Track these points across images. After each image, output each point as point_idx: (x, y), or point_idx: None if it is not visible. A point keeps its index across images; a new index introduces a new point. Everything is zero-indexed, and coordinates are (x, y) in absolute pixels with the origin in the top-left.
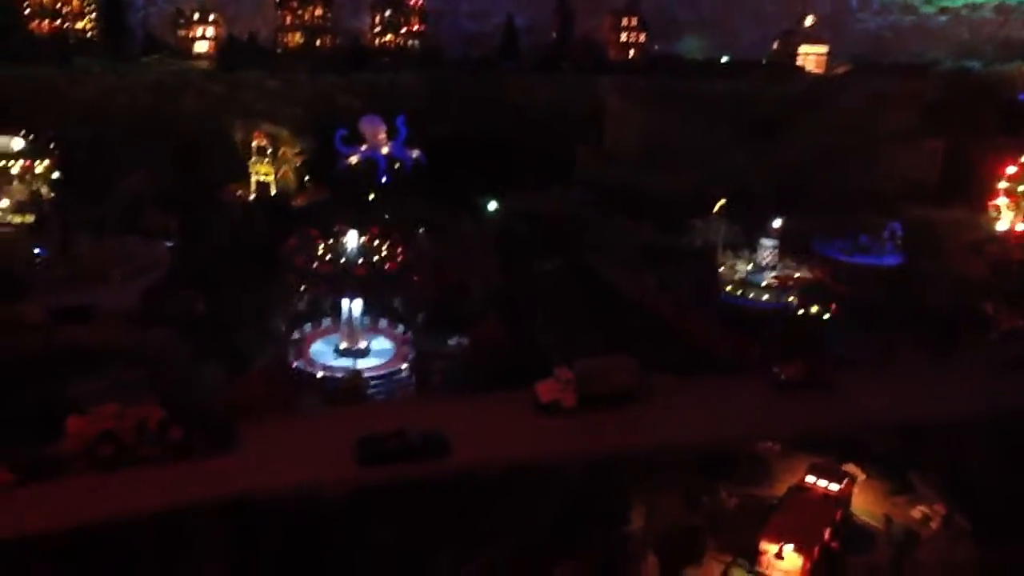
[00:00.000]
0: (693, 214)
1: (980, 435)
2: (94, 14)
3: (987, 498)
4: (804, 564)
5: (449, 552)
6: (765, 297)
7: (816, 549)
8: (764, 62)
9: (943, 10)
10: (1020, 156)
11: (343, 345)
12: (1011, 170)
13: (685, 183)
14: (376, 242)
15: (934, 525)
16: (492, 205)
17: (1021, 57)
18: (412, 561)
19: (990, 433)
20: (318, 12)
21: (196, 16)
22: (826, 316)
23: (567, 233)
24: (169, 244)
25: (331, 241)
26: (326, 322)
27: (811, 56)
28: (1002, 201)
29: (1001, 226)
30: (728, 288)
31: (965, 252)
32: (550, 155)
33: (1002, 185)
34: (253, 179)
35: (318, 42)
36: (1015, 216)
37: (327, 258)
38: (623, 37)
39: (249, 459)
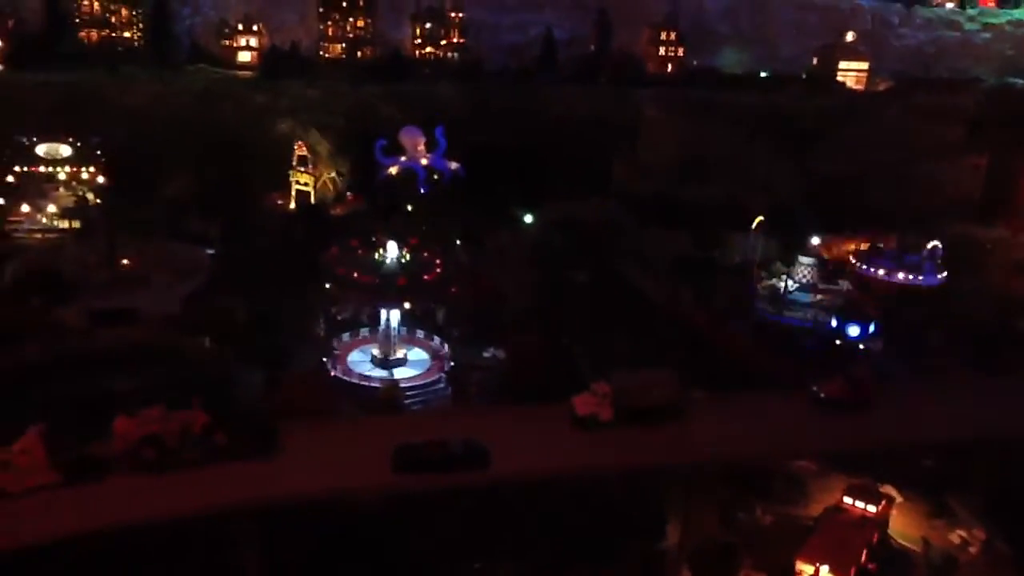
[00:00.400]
0: (730, 227)
1: (1020, 458)
2: (141, 23)
3: None
4: None
5: (485, 562)
6: (802, 315)
7: (852, 571)
8: (803, 76)
9: (986, 26)
10: None
11: (380, 355)
12: None
13: (721, 196)
14: (415, 253)
15: (973, 550)
16: (528, 217)
17: None
18: (448, 570)
19: None
20: (359, 23)
21: (240, 26)
22: (866, 335)
23: (603, 244)
24: (210, 251)
25: (371, 251)
26: (364, 332)
27: (851, 72)
28: None
29: None
30: (765, 305)
31: (1008, 271)
32: (586, 166)
33: None
34: (293, 188)
35: (359, 53)
36: None
37: (367, 268)
38: (661, 51)
39: (289, 464)
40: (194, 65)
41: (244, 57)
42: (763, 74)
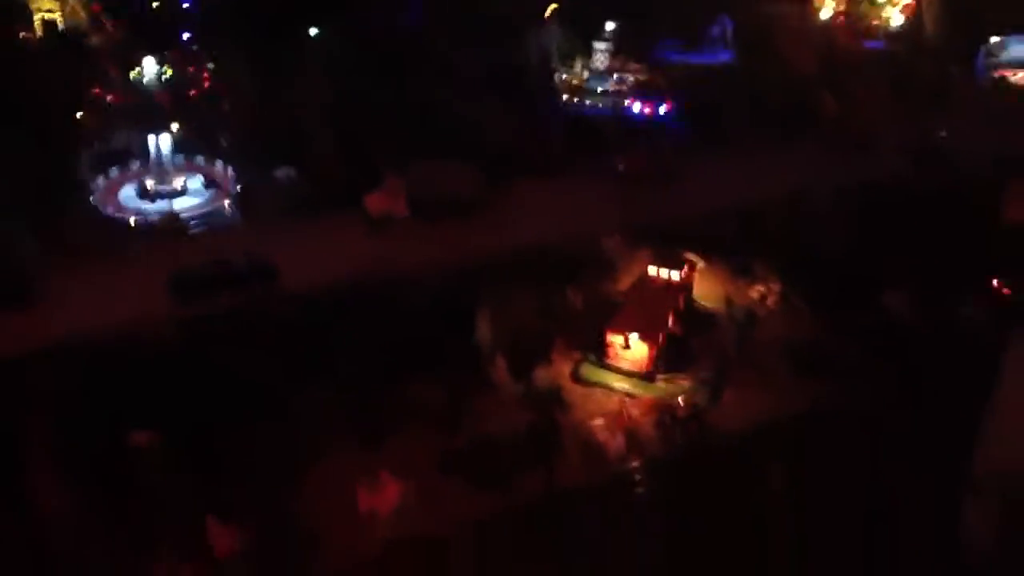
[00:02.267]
0: (527, 21)
1: (812, 213)
2: None
3: (821, 274)
4: (650, 351)
5: (291, 384)
6: (601, 102)
7: (661, 336)
8: None
9: None
10: None
11: (155, 186)
12: None
13: None
14: (178, 68)
15: (770, 302)
16: (314, 28)
17: None
18: (258, 392)
19: (821, 210)
20: None
21: None
22: (661, 114)
23: (398, 50)
24: None
25: (128, 72)
26: (136, 166)
27: None
28: None
29: (824, 15)
30: (565, 96)
31: (796, 43)
32: None
33: None
34: (36, 18)
35: None
36: (836, 4)
37: (123, 89)
38: None
39: (52, 309)
40: None
41: None
42: None
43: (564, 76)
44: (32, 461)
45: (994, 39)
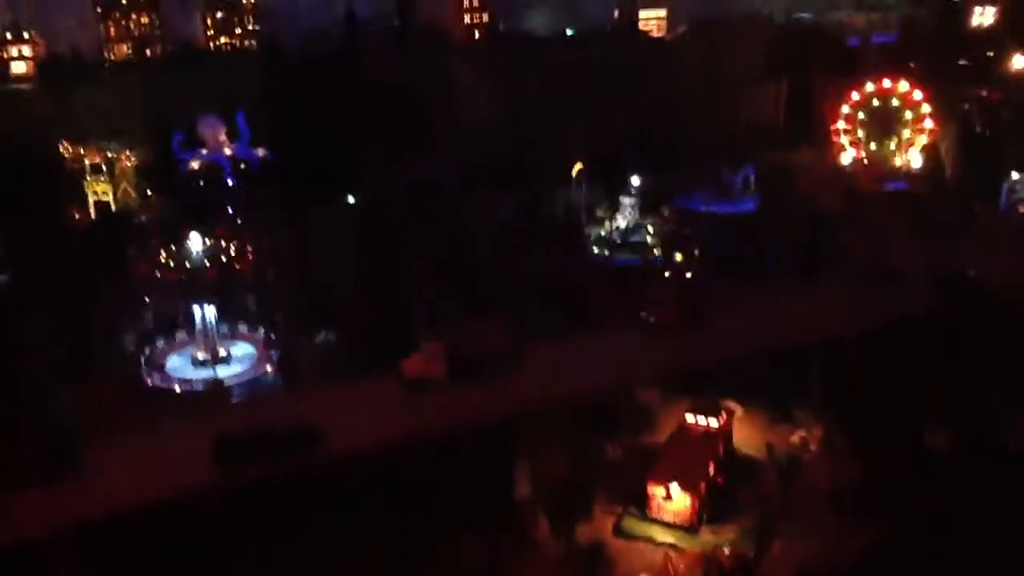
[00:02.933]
0: (554, 181)
1: (846, 353)
2: None
3: (861, 413)
4: (692, 502)
5: (336, 545)
6: (631, 254)
7: (703, 485)
8: (608, 30)
9: None
10: (851, 95)
11: (200, 355)
12: (845, 109)
13: (541, 152)
14: (223, 243)
15: (813, 448)
16: (350, 196)
17: (847, 7)
18: (297, 559)
19: (855, 350)
20: (144, 20)
21: (8, 35)
22: (690, 262)
23: (431, 211)
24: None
25: (174, 247)
26: (182, 336)
27: (652, 20)
28: (843, 138)
29: (845, 160)
30: (595, 249)
31: (815, 187)
32: (404, 138)
33: (840, 124)
34: (91, 199)
35: (147, 51)
36: (856, 151)
37: (171, 265)
38: (467, 18)
39: (96, 480)
40: None
41: (19, 68)
42: (569, 32)
43: (593, 230)
44: None
45: (1015, 175)
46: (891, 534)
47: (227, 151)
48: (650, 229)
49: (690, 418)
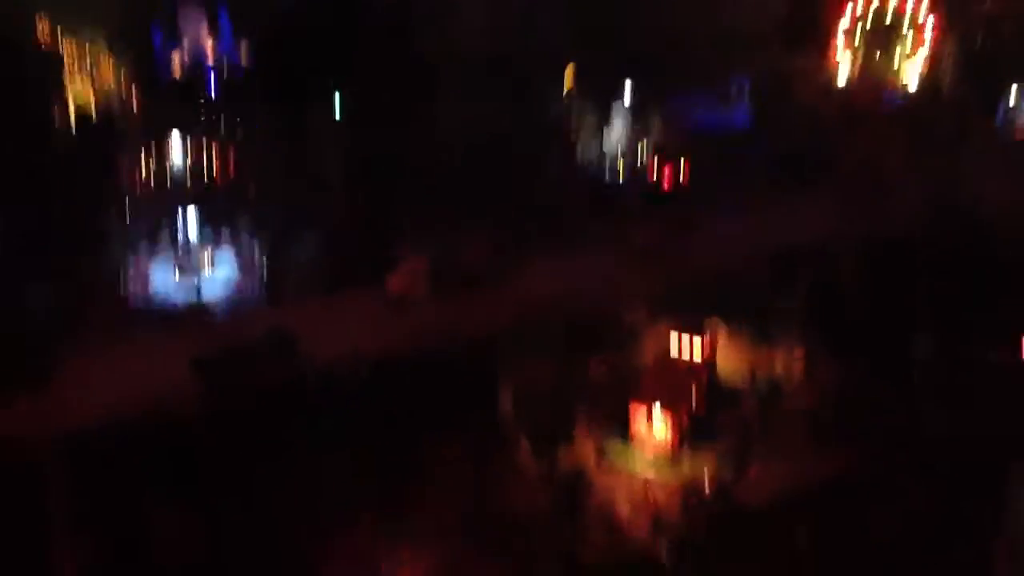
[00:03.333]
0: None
1: (831, 270)
2: None
3: (847, 332)
4: (673, 426)
5: (318, 459)
6: (620, 167)
7: (684, 410)
8: None
9: None
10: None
11: (182, 266)
12: (844, 24)
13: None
14: (205, 152)
15: (795, 368)
16: (337, 100)
17: None
18: (282, 472)
19: (841, 267)
20: None
21: None
22: (678, 175)
23: (424, 118)
24: None
25: (155, 156)
26: (163, 247)
27: None
28: (841, 47)
29: (843, 73)
30: (584, 163)
31: (816, 93)
32: (402, 41)
33: (842, 28)
34: (70, 102)
35: None
36: (855, 64)
37: (152, 174)
38: None
39: (71, 392)
40: None
41: None
42: None
43: (582, 141)
44: (52, 550)
45: (1014, 90)
46: (868, 456)
47: (209, 54)
48: (639, 139)
49: (674, 340)
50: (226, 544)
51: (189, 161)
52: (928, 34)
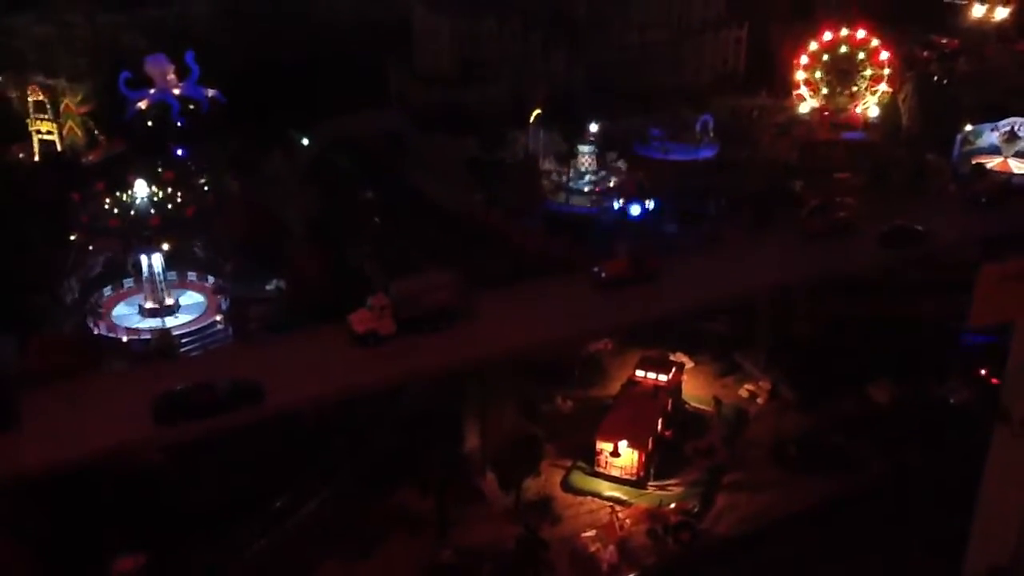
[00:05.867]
0: (514, 125)
1: (794, 305)
2: None
3: (808, 366)
4: (639, 457)
5: (285, 498)
6: (588, 201)
7: (650, 440)
8: None
9: None
10: (812, 40)
11: (148, 304)
12: (804, 60)
13: (501, 95)
14: (169, 189)
15: (761, 400)
16: (304, 139)
17: None
18: (246, 513)
19: (803, 302)
20: None
21: None
22: (646, 213)
23: (386, 156)
24: None
25: (118, 193)
26: (129, 284)
27: None
28: (803, 89)
29: (804, 108)
30: (550, 195)
31: (773, 134)
32: (361, 78)
33: (802, 64)
34: (35, 139)
35: None
36: (816, 97)
37: (115, 211)
38: None
39: (31, 434)
40: None
41: None
42: None
43: (549, 177)
44: None
45: (969, 127)
46: (834, 487)
47: (175, 91)
48: (606, 176)
49: (639, 372)
50: None
51: (154, 197)
52: (886, 71)
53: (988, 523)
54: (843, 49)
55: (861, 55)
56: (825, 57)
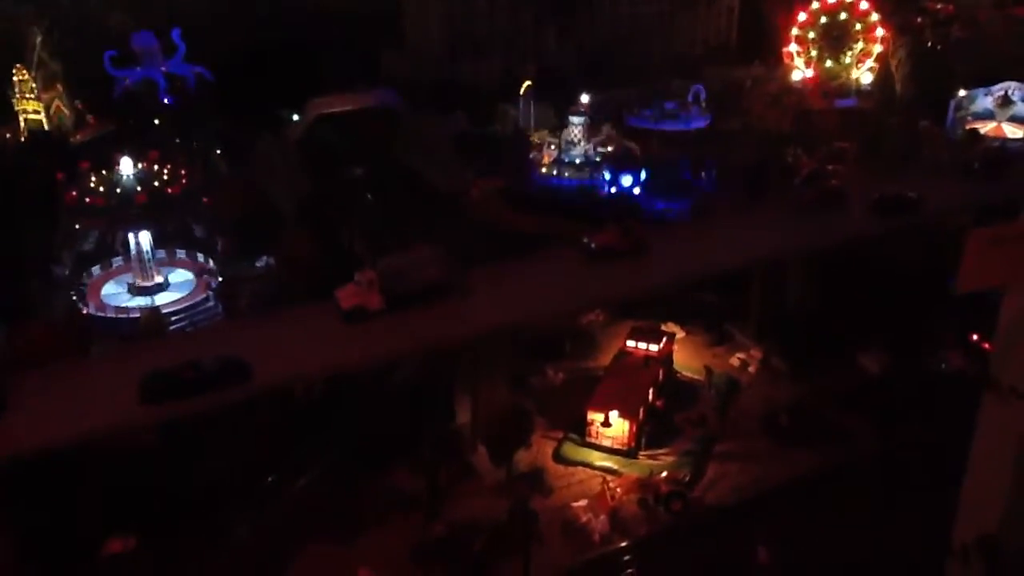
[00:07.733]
0: (504, 100)
1: (788, 275)
2: None
3: (799, 336)
4: (630, 427)
5: (275, 476)
6: (578, 174)
7: (641, 411)
8: None
9: None
10: (805, 7)
11: (137, 282)
12: (796, 31)
13: (492, 70)
14: (157, 167)
15: (752, 369)
16: (295, 116)
17: None
18: (237, 492)
19: (795, 272)
20: None
21: None
22: (638, 184)
23: (377, 134)
24: None
25: (104, 172)
26: (118, 262)
27: None
28: (796, 59)
29: (796, 77)
30: (542, 169)
31: (766, 104)
32: (352, 56)
33: (794, 34)
34: (21, 118)
35: None
36: (808, 68)
37: (101, 190)
38: None
39: (19, 418)
40: None
41: None
42: None
43: (539, 149)
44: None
45: (963, 92)
46: (826, 456)
47: (162, 68)
48: (597, 149)
49: (630, 343)
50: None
51: (141, 175)
52: (879, 36)
53: (977, 491)
54: (842, 16)
55: (858, 26)
56: (823, 19)
